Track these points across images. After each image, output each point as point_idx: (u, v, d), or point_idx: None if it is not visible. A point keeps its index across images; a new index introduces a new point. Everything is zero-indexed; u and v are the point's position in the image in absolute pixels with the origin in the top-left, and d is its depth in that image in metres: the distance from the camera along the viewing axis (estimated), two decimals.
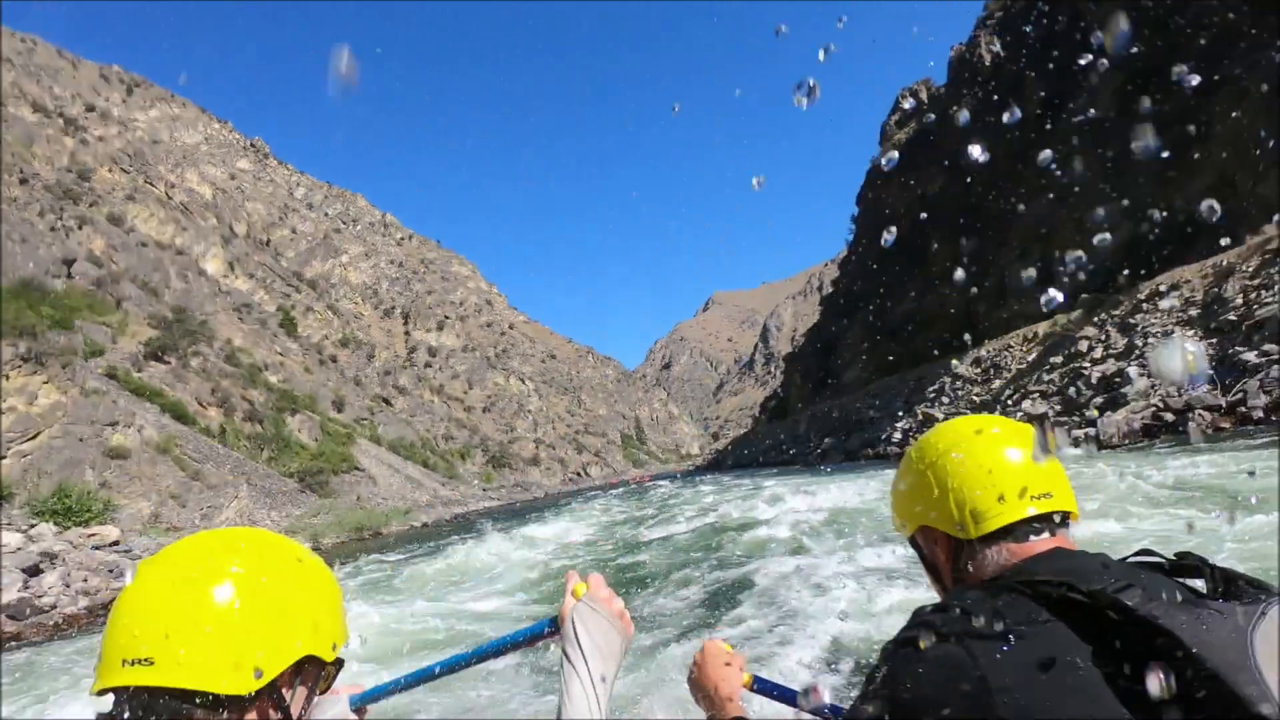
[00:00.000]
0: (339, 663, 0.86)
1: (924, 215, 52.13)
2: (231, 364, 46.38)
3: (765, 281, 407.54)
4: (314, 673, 0.81)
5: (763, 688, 1.19)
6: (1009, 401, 17.37)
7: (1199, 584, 0.73)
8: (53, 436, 24.01)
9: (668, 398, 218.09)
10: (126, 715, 0.70)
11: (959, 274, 39.11)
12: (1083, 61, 33.18)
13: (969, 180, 44.36)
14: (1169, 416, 10.56)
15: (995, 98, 44.84)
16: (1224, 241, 15.31)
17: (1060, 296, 1.81)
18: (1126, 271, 16.14)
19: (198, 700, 0.69)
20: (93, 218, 53.64)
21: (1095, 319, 16.39)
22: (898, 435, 23.52)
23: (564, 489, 76.19)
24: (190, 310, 50.81)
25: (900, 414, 25.81)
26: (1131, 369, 12.47)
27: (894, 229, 57.32)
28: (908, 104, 75.44)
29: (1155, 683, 0.59)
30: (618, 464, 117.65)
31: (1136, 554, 0.83)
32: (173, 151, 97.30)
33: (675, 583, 7.71)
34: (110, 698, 0.71)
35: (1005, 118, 40.69)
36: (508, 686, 4.39)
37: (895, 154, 65.65)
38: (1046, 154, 27.75)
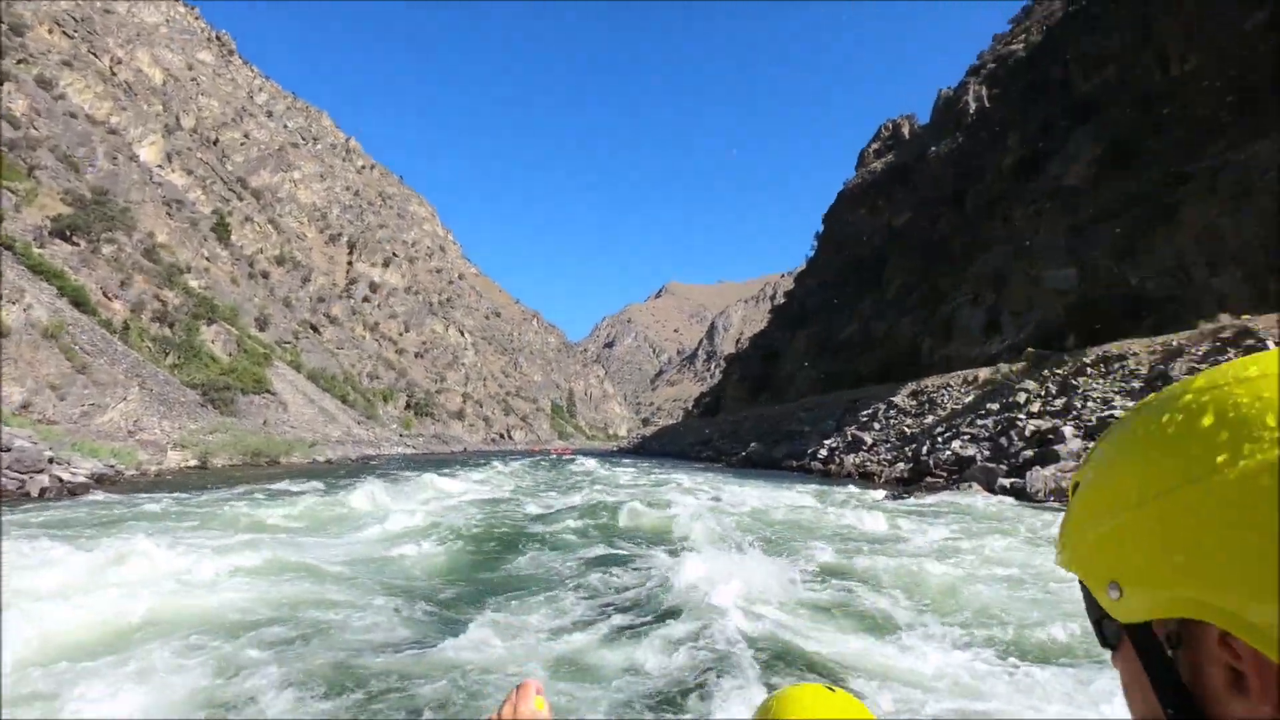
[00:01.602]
0: None
1: (886, 244, 52.82)
2: (150, 259, 43.08)
3: (723, 279, 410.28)
4: None
5: None
6: (939, 438, 17.32)
7: None
8: None
9: (605, 375, 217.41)
10: None
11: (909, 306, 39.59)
12: (1064, 125, 33.79)
13: (938, 219, 45.00)
14: None
15: (976, 145, 45.56)
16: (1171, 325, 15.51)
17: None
18: (1073, 335, 16.24)
19: None
20: (18, 76, 48.77)
21: (1038, 374, 16.44)
22: (824, 452, 23.42)
23: (485, 448, 74.73)
24: (113, 194, 46.90)
25: (830, 432, 25.78)
26: (1067, 428, 12.42)
27: (854, 252, 58.01)
28: (888, 135, 76.50)
29: None
30: (543, 432, 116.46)
31: None
32: (126, 26, 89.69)
33: (560, 565, 7.20)
34: None
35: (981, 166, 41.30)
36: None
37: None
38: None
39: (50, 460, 14.29)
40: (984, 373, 20.48)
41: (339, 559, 7.12)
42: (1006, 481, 12.51)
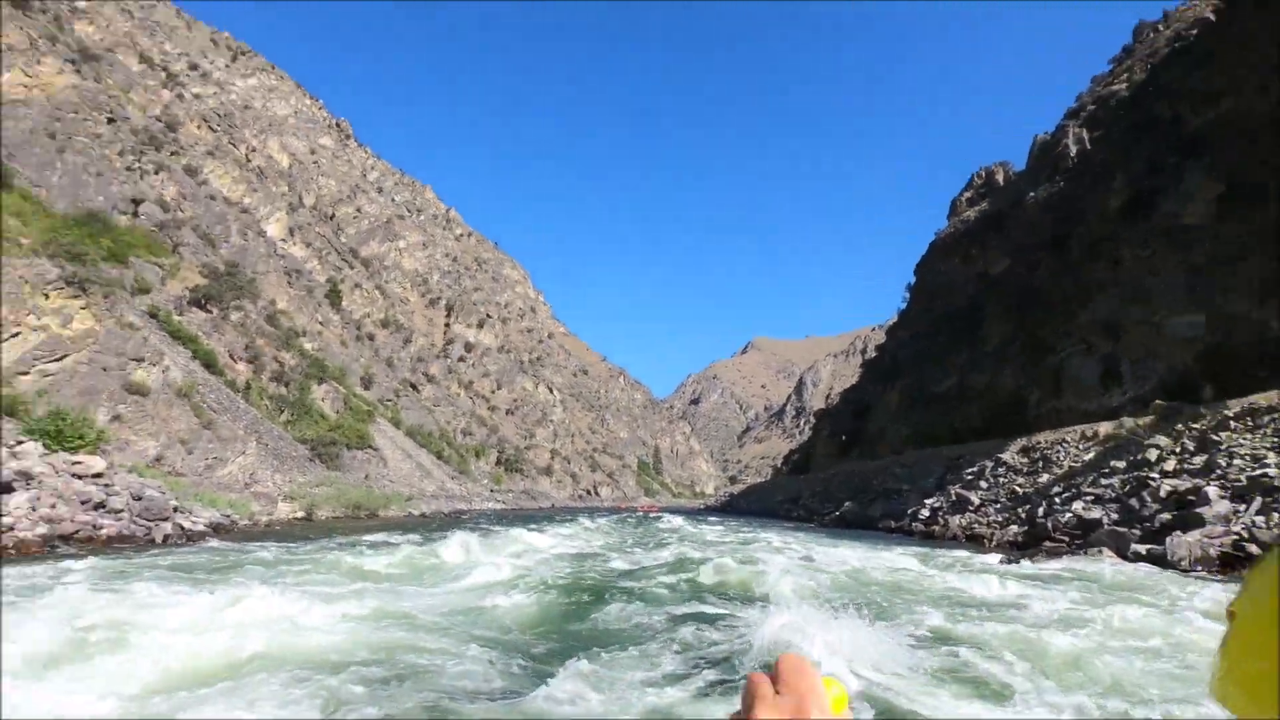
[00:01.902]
0: None
1: (983, 294, 50.58)
2: (270, 324, 46.86)
3: (811, 335, 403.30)
4: None
5: None
6: (1056, 499, 15.95)
7: None
8: (78, 361, 24.08)
9: (691, 432, 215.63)
10: None
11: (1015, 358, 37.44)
12: (1174, 162, 31.75)
13: (1037, 266, 42.85)
14: (1254, 549, 9.23)
15: (1077, 188, 43.44)
16: None
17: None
18: (1209, 386, 14.78)
19: None
20: (170, 165, 55.27)
21: (1169, 428, 14.97)
22: (925, 512, 22.05)
23: (572, 504, 75.10)
24: (242, 267, 51.73)
25: (931, 491, 24.30)
26: (1211, 489, 11.12)
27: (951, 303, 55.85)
28: (981, 183, 74.31)
29: None
30: (630, 489, 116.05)
31: None
32: (261, 118, 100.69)
33: (649, 618, 6.99)
34: None
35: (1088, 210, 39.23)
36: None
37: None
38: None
39: (175, 509, 15.39)
40: (1105, 427, 18.86)
41: (434, 608, 7.21)
42: (1142, 548, 11.28)
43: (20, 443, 13.20)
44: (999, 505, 18.77)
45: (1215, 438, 13.26)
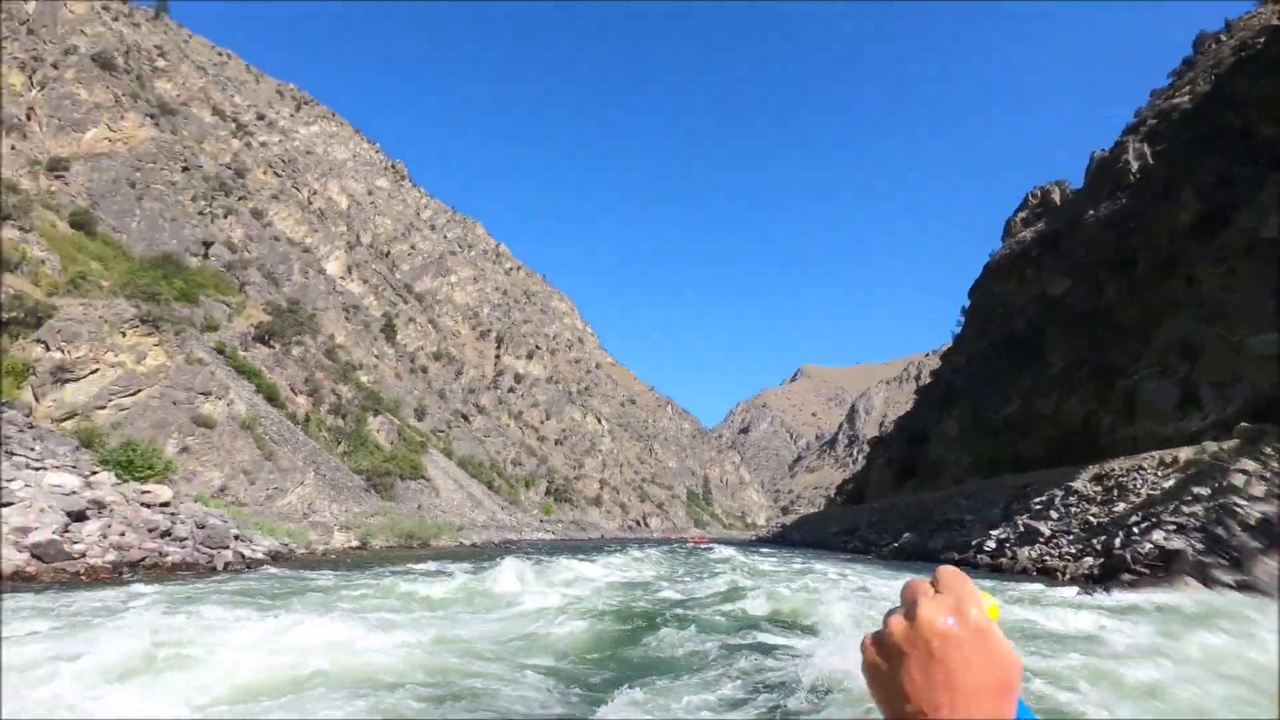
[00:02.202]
0: None
1: (1042, 316, 48.87)
2: (329, 358, 48.48)
3: (861, 361, 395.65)
4: None
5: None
6: (1134, 529, 15.04)
7: None
8: (150, 396, 25.28)
9: (741, 462, 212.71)
10: None
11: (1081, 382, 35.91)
12: (1246, 173, 30.30)
13: (1102, 286, 41.25)
14: None
15: (1141, 204, 41.86)
16: None
17: None
18: None
19: None
20: (239, 209, 58.34)
21: (1257, 452, 14.03)
22: (991, 544, 21.04)
23: (621, 535, 74.61)
24: (303, 303, 53.90)
25: (997, 521, 23.24)
26: None
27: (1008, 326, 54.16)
28: (1036, 203, 72.38)
29: None
30: (679, 519, 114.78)
31: None
32: (322, 163, 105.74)
33: (702, 645, 6.89)
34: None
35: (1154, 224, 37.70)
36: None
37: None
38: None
39: (235, 538, 15.85)
40: (1185, 453, 17.78)
41: (489, 634, 7.17)
42: (1229, 577, 10.51)
43: (94, 473, 13.89)
44: (1071, 536, 17.79)
45: None
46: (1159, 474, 17.59)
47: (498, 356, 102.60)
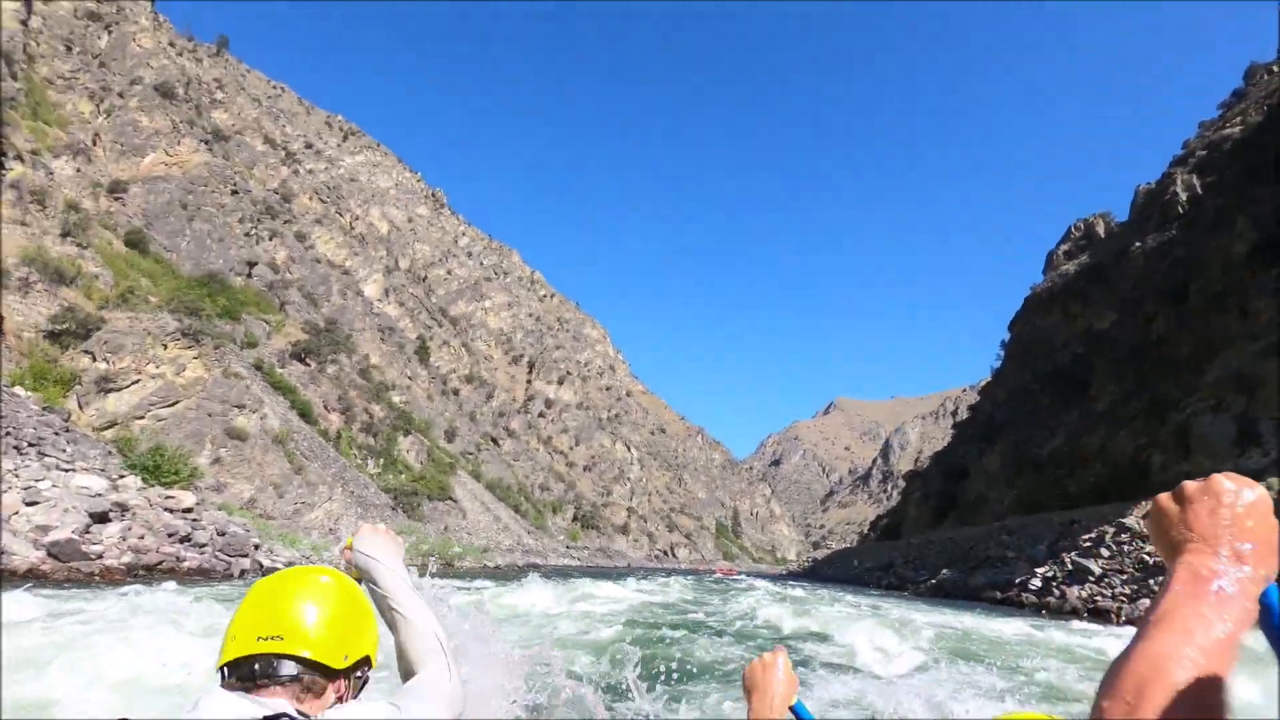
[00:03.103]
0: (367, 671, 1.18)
1: (1088, 350, 47.28)
2: (363, 377, 49.08)
3: (896, 395, 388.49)
4: (365, 671, 1.17)
5: (800, 716, 1.24)
6: None
7: None
8: (188, 407, 25.69)
9: (771, 495, 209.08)
10: (257, 668, 1.02)
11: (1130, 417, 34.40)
12: None
13: (1152, 319, 39.76)
14: None
15: (1191, 235, 40.47)
16: None
17: None
18: None
19: (307, 667, 1.04)
20: (283, 233, 60.06)
21: None
22: (1037, 582, 19.92)
23: (648, 564, 73.38)
24: (340, 324, 54.90)
25: (1042, 559, 22.06)
26: None
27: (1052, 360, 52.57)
28: (1079, 235, 70.71)
29: None
30: (707, 551, 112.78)
31: None
32: (365, 190, 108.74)
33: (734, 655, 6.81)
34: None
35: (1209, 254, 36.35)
36: None
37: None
38: None
39: (255, 546, 15.74)
40: None
41: (511, 638, 6.82)
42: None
43: (121, 476, 13.97)
44: (1125, 576, 16.70)
45: None
46: None
47: (529, 381, 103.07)
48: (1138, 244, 48.98)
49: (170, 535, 12.34)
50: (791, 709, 1.23)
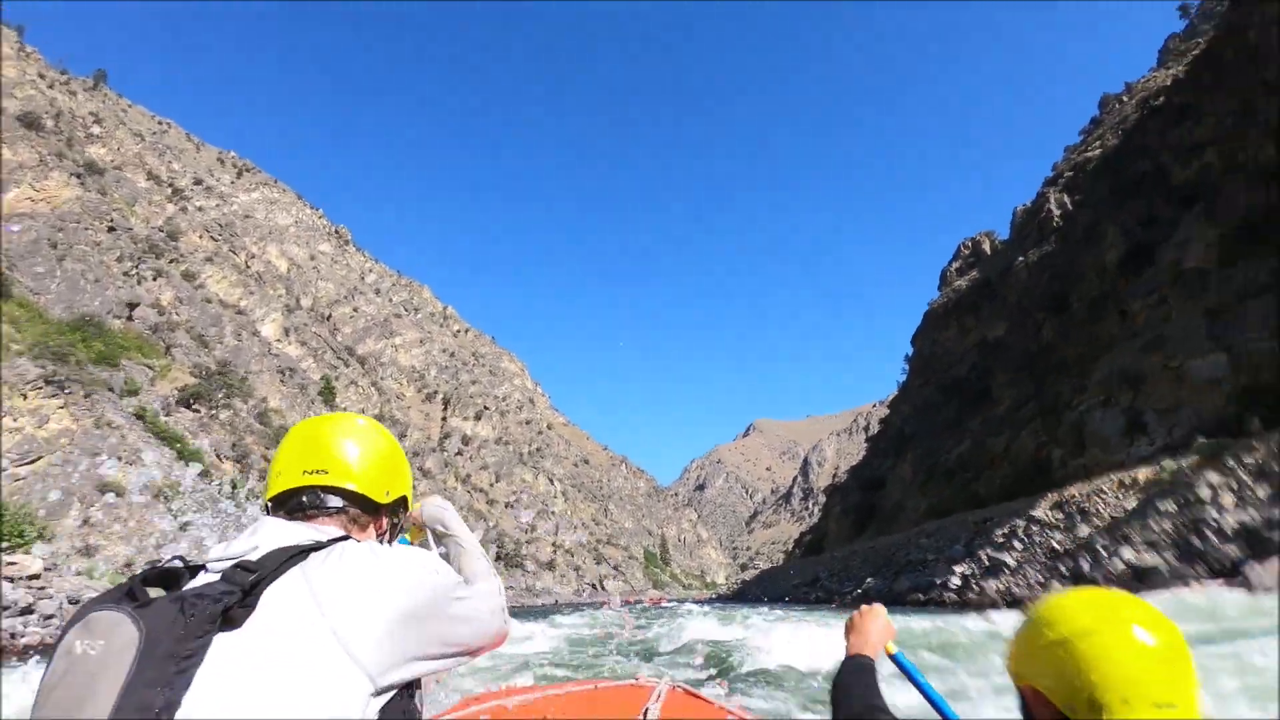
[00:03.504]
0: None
1: (984, 359, 50.09)
2: (261, 422, 45.83)
3: (811, 414, 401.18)
4: (401, 514, 1.22)
5: (899, 662, 1.36)
6: (1102, 550, 14.57)
7: None
8: (50, 463, 22.92)
9: (698, 519, 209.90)
10: (305, 499, 1.05)
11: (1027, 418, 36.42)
12: (1166, 213, 31.95)
13: (1040, 326, 42.53)
14: None
15: (1068, 248, 43.82)
16: None
17: None
18: (1257, 419, 13.87)
19: (352, 500, 1.08)
20: (169, 272, 55.89)
21: (1220, 465, 13.87)
22: (956, 581, 20.33)
23: (577, 600, 71.43)
24: (234, 366, 51.25)
25: (960, 558, 22.64)
26: None
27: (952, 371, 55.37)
28: (969, 253, 75.60)
29: None
30: (637, 581, 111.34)
31: None
32: (261, 227, 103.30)
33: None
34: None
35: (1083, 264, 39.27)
36: None
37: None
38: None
39: None
40: (1144, 473, 17.64)
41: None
42: (1214, 584, 10.00)
43: None
44: (1038, 565, 17.25)
45: (1278, 467, 12.20)
46: (1120, 495, 17.36)
47: (444, 418, 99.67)
48: (1020, 259, 52.59)
49: (5, 609, 10.57)
50: (892, 657, 1.34)
